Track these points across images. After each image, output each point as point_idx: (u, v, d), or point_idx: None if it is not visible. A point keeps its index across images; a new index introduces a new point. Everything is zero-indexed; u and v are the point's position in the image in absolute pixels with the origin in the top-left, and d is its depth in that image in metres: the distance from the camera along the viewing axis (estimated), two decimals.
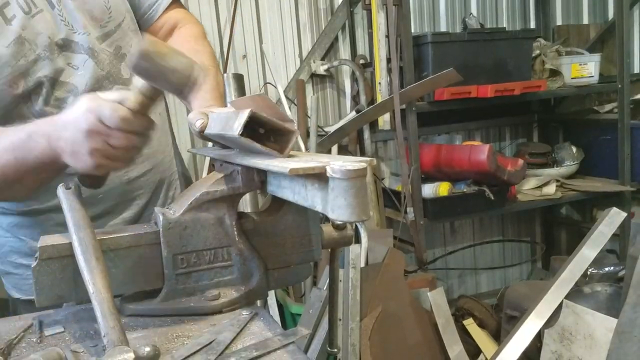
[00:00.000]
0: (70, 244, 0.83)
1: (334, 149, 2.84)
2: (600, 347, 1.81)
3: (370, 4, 2.68)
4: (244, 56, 2.83)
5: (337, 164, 0.63)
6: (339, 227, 0.96)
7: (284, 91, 2.80)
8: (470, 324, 2.61)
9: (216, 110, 1.01)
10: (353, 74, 2.92)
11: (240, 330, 0.81)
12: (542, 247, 3.57)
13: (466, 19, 3.12)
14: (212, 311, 0.88)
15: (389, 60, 2.65)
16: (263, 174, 0.88)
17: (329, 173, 0.63)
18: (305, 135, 2.75)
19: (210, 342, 0.77)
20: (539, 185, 2.99)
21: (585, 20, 3.52)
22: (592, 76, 3.00)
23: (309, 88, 2.95)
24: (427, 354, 2.34)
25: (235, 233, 0.90)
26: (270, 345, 0.77)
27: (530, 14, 3.42)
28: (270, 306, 2.45)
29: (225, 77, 2.55)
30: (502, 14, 3.36)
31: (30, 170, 0.98)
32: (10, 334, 0.82)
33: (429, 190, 2.71)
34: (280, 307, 2.53)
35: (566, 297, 1.96)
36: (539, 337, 1.98)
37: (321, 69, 2.91)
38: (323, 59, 2.94)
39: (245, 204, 2.48)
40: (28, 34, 1.09)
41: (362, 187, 0.63)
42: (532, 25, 3.41)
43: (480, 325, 2.63)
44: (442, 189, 2.71)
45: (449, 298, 2.64)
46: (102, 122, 0.85)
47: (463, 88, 2.63)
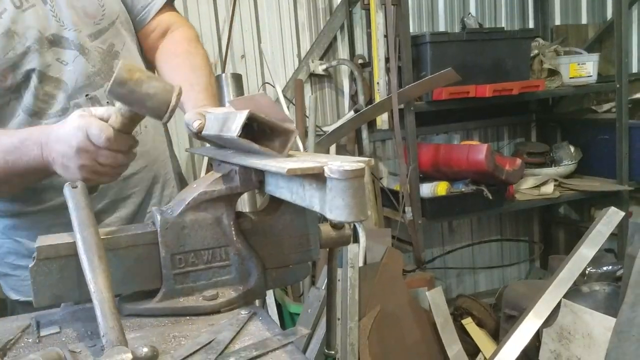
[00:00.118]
0: (68, 244, 0.83)
1: (332, 148, 2.84)
2: (598, 347, 1.81)
3: (368, 4, 2.68)
4: (243, 56, 2.83)
5: (335, 164, 0.63)
6: (337, 227, 0.96)
7: (283, 91, 2.80)
8: (468, 323, 2.62)
9: (212, 110, 1.00)
10: (351, 73, 2.92)
11: (240, 330, 0.81)
12: (541, 247, 3.58)
13: (465, 19, 3.13)
14: (211, 311, 0.88)
15: (387, 60, 2.65)
16: (261, 173, 0.87)
17: (327, 173, 0.63)
18: (304, 135, 2.75)
19: (210, 342, 0.77)
20: (537, 184, 2.99)
21: (583, 20, 3.53)
22: (591, 76, 3.00)
23: (308, 88, 2.95)
24: (426, 354, 2.34)
25: (233, 233, 0.90)
26: (269, 345, 0.77)
27: (528, 14, 3.42)
28: (268, 306, 2.45)
29: (224, 77, 2.55)
30: (501, 14, 3.36)
31: (19, 174, 1.02)
32: (8, 335, 0.82)
33: (427, 189, 2.71)
34: (279, 307, 2.53)
35: (564, 297, 1.96)
36: (537, 337, 1.98)
37: (320, 68, 2.91)
38: (321, 58, 2.94)
39: (244, 204, 2.48)
40: (18, 28, 1.10)
41: (360, 188, 0.63)
42: (531, 25, 3.41)
43: (479, 324, 2.64)
44: (441, 188, 2.71)
45: (448, 297, 2.64)
46: (91, 141, 0.89)
47: (461, 88, 2.63)
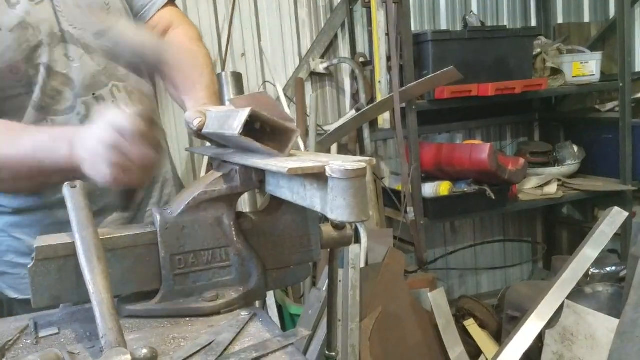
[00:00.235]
0: (67, 244, 0.82)
1: (334, 148, 2.83)
2: (601, 348, 1.80)
3: (369, 2, 2.67)
4: (243, 54, 2.82)
5: (336, 163, 0.62)
6: (338, 227, 0.95)
7: (283, 90, 2.79)
8: (471, 324, 2.60)
9: (213, 108, 1.00)
10: (353, 72, 2.91)
11: (240, 331, 0.80)
12: (544, 247, 3.56)
13: (467, 17, 3.11)
14: (210, 312, 0.87)
15: (389, 59, 2.64)
16: (261, 173, 0.87)
17: (328, 173, 0.62)
18: (305, 134, 2.74)
19: (210, 343, 0.77)
20: (540, 184, 2.98)
21: (586, 19, 3.52)
22: (594, 75, 2.99)
23: (308, 86, 2.94)
24: (428, 355, 2.33)
25: (234, 233, 0.89)
26: (269, 347, 0.76)
27: (531, 12, 3.41)
28: (269, 307, 2.44)
29: (224, 76, 2.54)
30: (503, 12, 3.35)
31: (45, 172, 0.99)
32: (6, 336, 0.81)
33: (429, 189, 2.70)
34: (280, 308, 2.52)
35: (567, 298, 1.95)
36: (540, 338, 1.97)
37: (320, 67, 2.90)
38: (322, 57, 2.93)
39: (244, 204, 2.47)
40: (32, 20, 1.10)
41: (362, 187, 0.62)
42: (533, 23, 3.40)
43: (481, 325, 2.62)
44: (443, 188, 2.70)
45: (450, 298, 2.63)
46: (123, 136, 0.86)
47: (464, 87, 2.62)
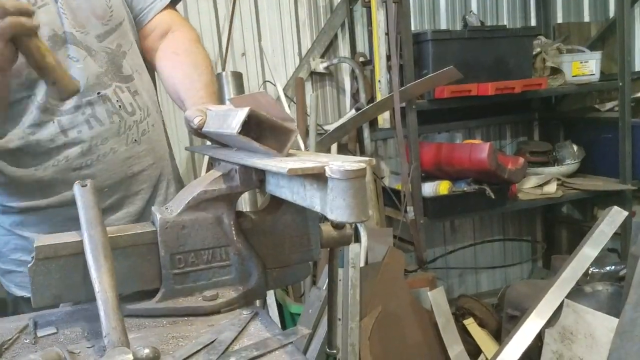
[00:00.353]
0: (67, 244, 0.83)
1: (334, 147, 2.83)
2: (601, 347, 1.80)
3: (369, 2, 2.67)
4: (243, 54, 2.82)
5: (336, 164, 0.62)
6: (338, 227, 0.95)
7: (283, 89, 2.79)
8: (470, 323, 2.61)
9: (213, 107, 1.00)
10: (353, 71, 2.91)
11: (241, 330, 0.80)
12: (543, 246, 3.56)
13: (466, 17, 3.12)
14: (211, 311, 0.87)
15: (388, 58, 2.64)
16: (262, 173, 0.87)
17: (328, 173, 0.62)
18: (305, 134, 2.74)
19: (212, 342, 0.77)
20: (539, 183, 2.98)
21: (586, 18, 3.51)
22: (593, 74, 2.99)
23: (308, 86, 2.94)
24: (427, 354, 2.33)
25: (234, 232, 0.89)
26: (270, 345, 0.76)
27: (530, 12, 3.40)
28: (269, 306, 2.44)
29: (224, 75, 2.54)
30: (503, 12, 3.35)
31: None
32: (5, 335, 0.81)
33: (429, 189, 2.70)
34: (280, 307, 2.52)
35: (567, 297, 1.95)
36: (539, 337, 1.97)
37: (320, 66, 2.90)
38: (322, 56, 2.93)
39: (245, 203, 2.48)
40: None
41: (361, 188, 0.62)
42: (533, 22, 3.40)
43: (481, 324, 2.63)
44: (443, 187, 2.70)
45: (449, 297, 2.63)
46: None
47: (463, 86, 2.62)
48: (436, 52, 2.63)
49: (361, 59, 2.92)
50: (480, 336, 2.56)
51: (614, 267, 2.22)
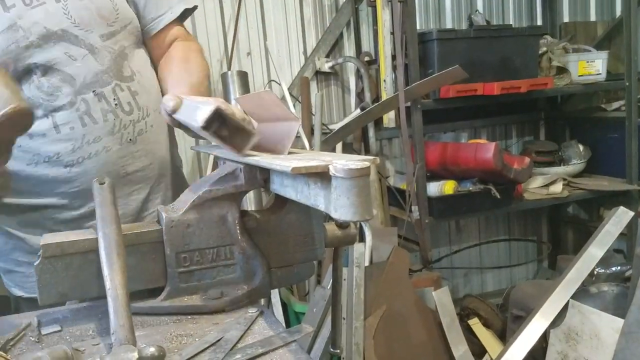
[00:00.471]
0: (73, 242, 0.83)
1: (339, 146, 2.82)
2: (606, 348, 1.79)
3: (375, 1, 2.67)
4: (249, 53, 2.83)
5: (340, 162, 0.62)
6: (343, 226, 0.95)
7: (288, 89, 2.79)
8: (475, 323, 2.60)
9: (188, 97, 1.01)
10: (358, 71, 2.91)
11: (247, 329, 0.81)
12: (549, 247, 3.55)
13: (472, 16, 3.10)
14: (215, 310, 0.87)
15: (394, 58, 2.64)
16: (266, 172, 0.87)
17: (332, 172, 0.62)
18: (310, 133, 2.74)
19: (218, 341, 0.77)
20: (545, 183, 2.97)
21: (592, 17, 3.50)
22: (600, 74, 2.97)
23: (314, 85, 2.94)
24: (432, 354, 2.33)
25: (238, 231, 0.89)
26: (274, 343, 0.76)
27: (536, 11, 3.39)
28: (274, 305, 2.45)
29: (230, 75, 2.55)
30: (509, 11, 3.34)
31: None
32: (10, 333, 0.82)
33: (434, 188, 2.70)
34: (284, 306, 2.53)
35: (572, 297, 1.95)
36: (544, 337, 1.97)
37: (326, 66, 2.90)
38: (327, 56, 2.93)
39: (250, 202, 2.48)
40: (24, 23, 1.14)
41: (365, 186, 0.62)
42: (539, 22, 3.38)
43: (486, 325, 2.62)
44: (448, 187, 2.69)
45: (454, 297, 2.63)
46: None
47: (469, 85, 2.61)
48: (442, 52, 2.62)
49: (366, 59, 2.92)
50: (485, 336, 2.55)
51: (619, 268, 2.22)
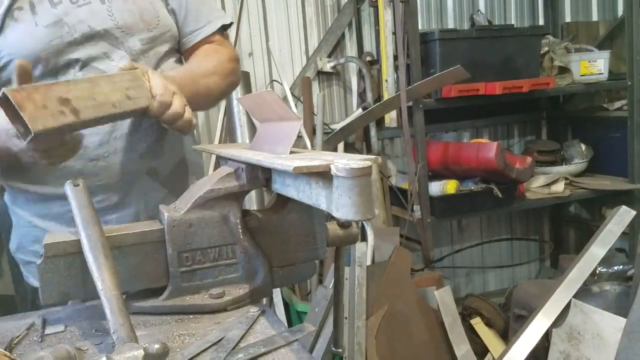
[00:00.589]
0: (75, 242, 0.83)
1: (340, 146, 2.83)
2: (608, 347, 1.79)
3: (377, 1, 2.67)
4: (250, 54, 2.83)
5: (342, 162, 0.62)
6: (344, 225, 0.96)
7: (290, 89, 2.79)
8: (477, 323, 2.60)
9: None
10: (360, 71, 2.91)
11: (249, 328, 0.81)
12: (551, 246, 3.55)
13: (474, 16, 3.11)
14: (217, 309, 0.87)
15: (395, 57, 2.64)
16: (268, 171, 0.87)
17: (334, 171, 0.63)
18: (312, 133, 2.74)
19: (220, 340, 0.77)
20: (547, 183, 2.97)
21: (594, 17, 3.49)
22: (602, 73, 2.97)
23: (315, 85, 2.94)
24: (434, 353, 2.33)
25: (240, 231, 0.90)
26: (276, 342, 0.77)
27: (538, 11, 3.39)
28: (276, 304, 2.45)
29: None
30: (510, 11, 3.34)
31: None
32: (13, 332, 0.82)
33: (436, 188, 2.70)
34: (286, 306, 2.53)
35: (574, 296, 1.95)
36: (546, 337, 1.97)
37: (327, 66, 2.90)
38: (329, 56, 2.93)
39: (252, 202, 2.48)
40: (70, 20, 1.16)
41: (367, 186, 0.62)
42: (541, 22, 3.38)
43: (488, 324, 2.62)
44: (450, 186, 2.69)
45: (456, 297, 2.63)
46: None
47: (471, 85, 2.61)
48: (443, 52, 2.62)
49: (368, 59, 2.92)
50: (487, 336, 2.55)
51: (621, 267, 2.21)
